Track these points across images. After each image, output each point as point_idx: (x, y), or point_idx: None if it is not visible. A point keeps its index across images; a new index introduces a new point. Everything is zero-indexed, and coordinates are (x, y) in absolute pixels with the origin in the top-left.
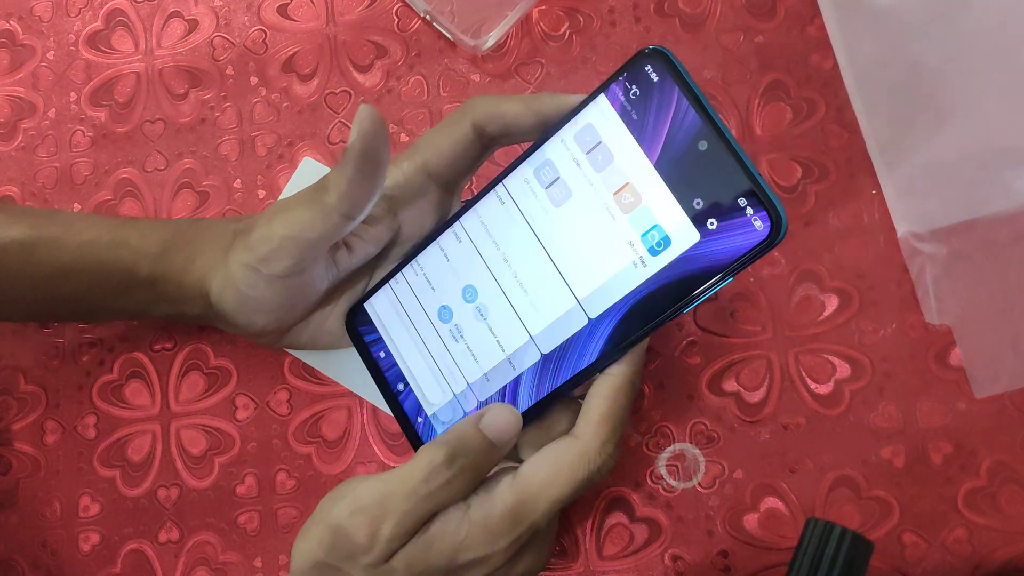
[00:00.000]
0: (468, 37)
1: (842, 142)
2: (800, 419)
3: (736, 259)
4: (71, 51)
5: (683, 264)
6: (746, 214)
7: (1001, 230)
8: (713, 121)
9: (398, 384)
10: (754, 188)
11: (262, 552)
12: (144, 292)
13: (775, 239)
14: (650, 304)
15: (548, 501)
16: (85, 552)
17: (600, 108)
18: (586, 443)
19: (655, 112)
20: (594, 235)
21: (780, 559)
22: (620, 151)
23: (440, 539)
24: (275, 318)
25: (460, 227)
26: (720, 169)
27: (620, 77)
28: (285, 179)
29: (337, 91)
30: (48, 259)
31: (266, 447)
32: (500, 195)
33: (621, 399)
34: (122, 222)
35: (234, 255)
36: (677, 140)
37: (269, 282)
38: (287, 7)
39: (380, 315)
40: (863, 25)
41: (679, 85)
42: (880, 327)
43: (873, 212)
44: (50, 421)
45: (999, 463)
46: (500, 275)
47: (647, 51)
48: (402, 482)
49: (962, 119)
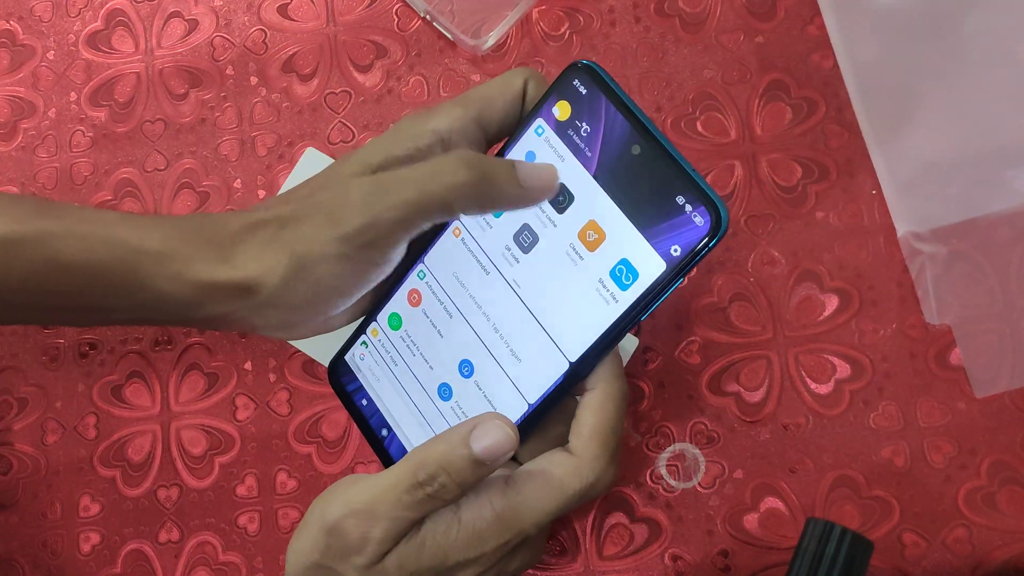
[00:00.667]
0: (468, 37)
1: (842, 142)
2: (800, 419)
3: (680, 260)
4: (71, 51)
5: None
6: (686, 211)
7: (1001, 230)
8: (642, 123)
9: (382, 430)
10: (689, 185)
11: (262, 552)
12: (145, 293)
13: (717, 233)
14: (618, 330)
15: (537, 512)
16: (85, 552)
17: (538, 131)
18: (578, 458)
19: (588, 124)
20: (564, 278)
21: (780, 559)
22: (566, 176)
23: (431, 540)
24: (340, 308)
25: (435, 283)
26: (657, 171)
27: (551, 96)
28: (285, 179)
29: (337, 91)
30: (36, 255)
31: (266, 447)
32: (468, 245)
33: (609, 410)
34: (121, 217)
35: (316, 245)
36: (613, 149)
37: (362, 268)
38: (287, 7)
39: (361, 367)
40: (863, 25)
41: (605, 94)
42: (880, 327)
43: (873, 212)
44: (50, 421)
45: (999, 463)
46: (481, 331)
47: (577, 66)
48: (389, 489)
49: (962, 119)
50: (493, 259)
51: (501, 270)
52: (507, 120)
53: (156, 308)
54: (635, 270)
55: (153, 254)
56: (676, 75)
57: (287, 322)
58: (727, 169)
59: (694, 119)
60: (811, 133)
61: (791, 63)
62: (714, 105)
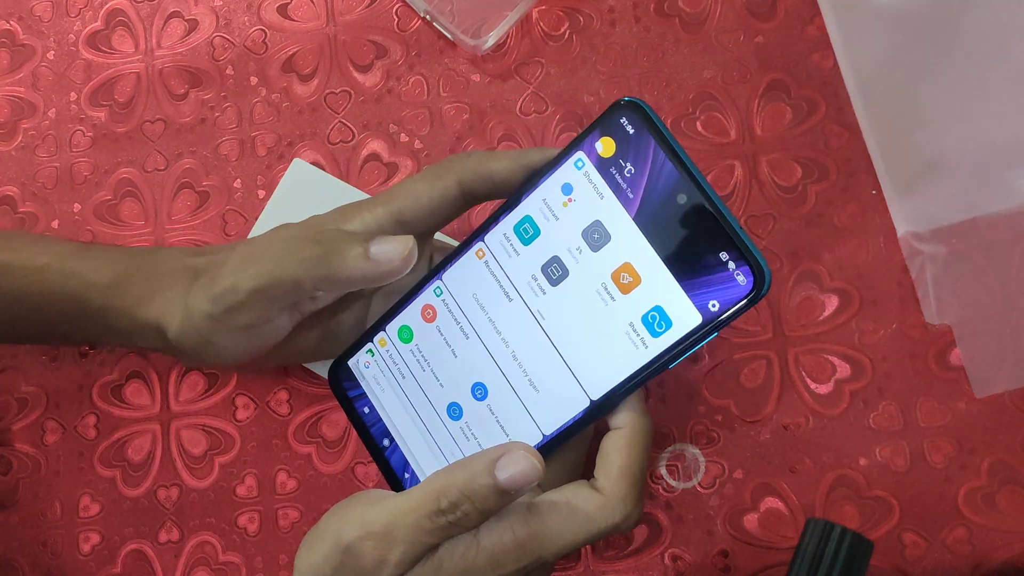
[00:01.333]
0: (468, 37)
1: (842, 142)
2: (800, 419)
3: (720, 316)
4: (71, 51)
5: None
6: (728, 269)
7: (1001, 230)
8: (691, 173)
9: (383, 440)
10: (736, 243)
11: (262, 552)
12: (94, 322)
13: (759, 294)
14: (644, 375)
15: (560, 544)
16: (85, 552)
17: (578, 164)
18: (607, 497)
19: (633, 165)
20: (593, 316)
21: (780, 559)
22: (604, 214)
23: (448, 563)
24: (234, 360)
25: (453, 302)
26: (702, 223)
27: (595, 130)
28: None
29: (337, 91)
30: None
31: (266, 447)
32: (492, 268)
33: (637, 449)
34: (76, 249)
35: (196, 302)
36: (657, 194)
37: (232, 332)
38: (287, 7)
39: (365, 375)
40: (863, 25)
41: (654, 136)
42: (880, 327)
43: (873, 212)
44: (50, 421)
45: (999, 463)
46: (498, 356)
47: (622, 103)
48: (409, 512)
49: (962, 119)
50: (518, 286)
51: (525, 299)
52: (435, 216)
53: (104, 336)
54: (669, 319)
55: (101, 287)
56: (676, 75)
57: (203, 362)
58: (727, 169)
59: (694, 119)
60: (811, 133)
61: (791, 63)
62: (714, 105)
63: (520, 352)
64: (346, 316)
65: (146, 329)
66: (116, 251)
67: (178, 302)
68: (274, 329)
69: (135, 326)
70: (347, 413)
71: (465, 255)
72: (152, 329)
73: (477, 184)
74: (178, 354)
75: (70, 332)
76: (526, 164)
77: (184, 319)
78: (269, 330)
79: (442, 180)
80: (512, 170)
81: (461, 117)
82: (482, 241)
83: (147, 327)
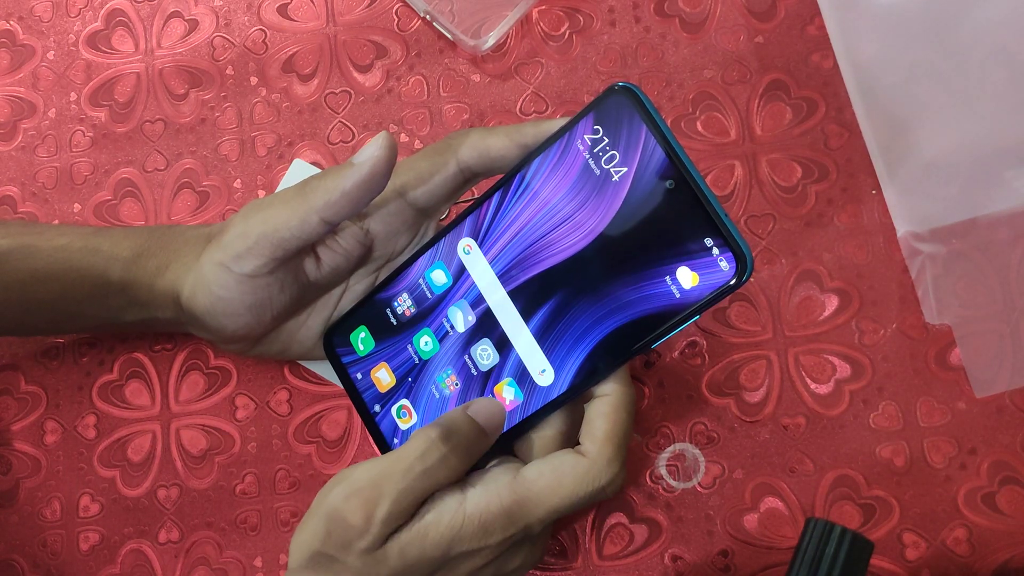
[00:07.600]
0: (468, 37)
1: (842, 142)
2: (800, 419)
3: (701, 299)
4: (71, 51)
5: (650, 302)
6: (712, 254)
7: (1001, 230)
8: (680, 159)
9: (375, 405)
10: (720, 229)
11: (262, 552)
12: (116, 297)
13: (740, 280)
14: (628, 355)
15: (546, 509)
16: (85, 552)
17: (569, 147)
18: (592, 460)
19: (623, 150)
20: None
21: (780, 559)
22: (596, 197)
23: (435, 528)
24: (244, 323)
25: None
26: (689, 209)
27: (588, 114)
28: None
29: (337, 91)
30: (21, 265)
31: (266, 447)
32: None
33: (622, 416)
34: (95, 230)
35: (207, 254)
36: (646, 179)
37: (239, 281)
38: (287, 7)
39: (361, 342)
40: (863, 25)
41: (645, 122)
42: (880, 327)
43: (873, 212)
44: (50, 421)
45: (999, 463)
46: (502, 328)
47: (616, 88)
48: (398, 460)
49: (962, 119)
50: (501, 268)
51: (505, 282)
52: (436, 192)
53: (125, 309)
54: (653, 303)
55: (123, 260)
56: (676, 75)
57: (211, 329)
58: (727, 169)
59: (694, 119)
60: (811, 133)
61: (791, 63)
62: (714, 105)
63: (508, 328)
64: (347, 306)
65: (162, 298)
66: (132, 229)
67: (192, 264)
68: (278, 285)
69: (152, 296)
70: (340, 378)
71: (455, 230)
72: (169, 297)
73: (475, 161)
74: (192, 321)
75: (93, 311)
76: (521, 141)
77: (196, 277)
78: (273, 284)
79: (442, 156)
80: (507, 147)
81: (461, 117)
82: (473, 217)
83: (164, 295)
